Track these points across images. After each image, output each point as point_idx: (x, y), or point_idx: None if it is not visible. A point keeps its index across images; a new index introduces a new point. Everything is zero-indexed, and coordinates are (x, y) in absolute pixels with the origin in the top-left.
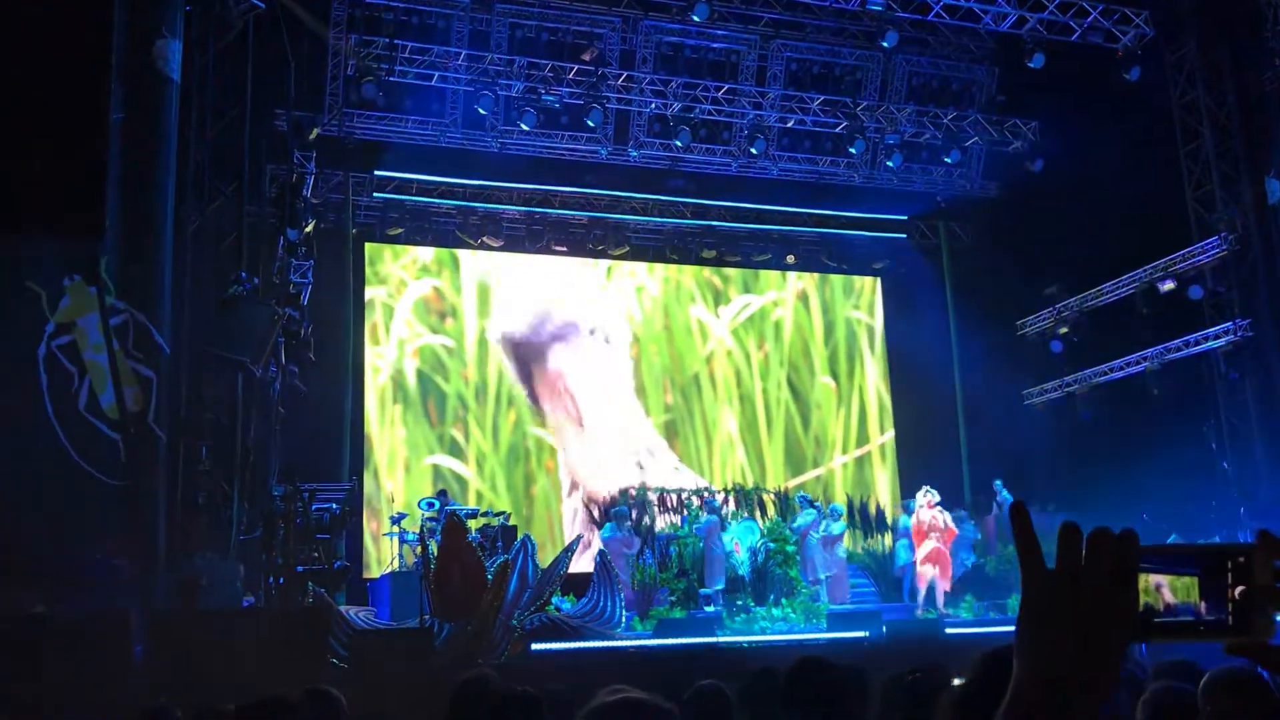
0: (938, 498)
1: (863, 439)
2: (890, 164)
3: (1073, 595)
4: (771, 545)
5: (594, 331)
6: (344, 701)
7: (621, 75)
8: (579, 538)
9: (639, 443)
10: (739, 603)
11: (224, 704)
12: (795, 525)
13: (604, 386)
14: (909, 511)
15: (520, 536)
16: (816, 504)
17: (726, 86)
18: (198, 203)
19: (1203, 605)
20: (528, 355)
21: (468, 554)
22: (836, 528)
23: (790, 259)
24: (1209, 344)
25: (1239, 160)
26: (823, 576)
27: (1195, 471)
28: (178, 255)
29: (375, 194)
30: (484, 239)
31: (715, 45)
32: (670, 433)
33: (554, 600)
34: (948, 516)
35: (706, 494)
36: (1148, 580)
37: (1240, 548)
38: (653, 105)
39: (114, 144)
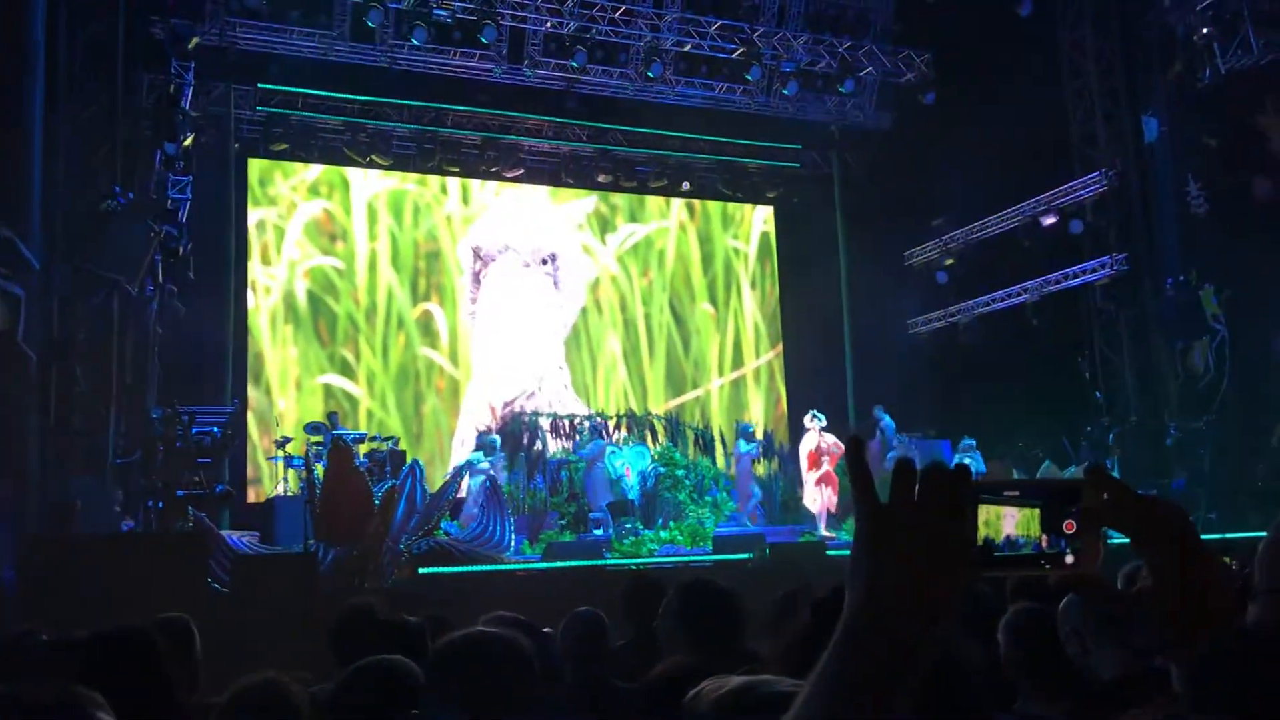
0: (824, 422)
1: (738, 363)
2: (786, 92)
3: (902, 528)
4: (661, 470)
5: (545, 261)
6: (195, 629)
7: None
8: (468, 462)
9: (536, 365)
10: (628, 526)
11: (99, 630)
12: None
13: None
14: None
15: (409, 461)
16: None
17: (623, 7)
18: (69, 112)
19: (1045, 539)
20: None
21: (354, 478)
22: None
23: (685, 186)
24: (1086, 277)
25: (1120, 98)
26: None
27: (1070, 400)
28: (47, 166)
29: (258, 108)
30: (373, 157)
31: None
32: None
33: (443, 525)
34: (835, 439)
35: (598, 419)
36: (990, 513)
37: (1072, 483)
38: (548, 24)
39: None
